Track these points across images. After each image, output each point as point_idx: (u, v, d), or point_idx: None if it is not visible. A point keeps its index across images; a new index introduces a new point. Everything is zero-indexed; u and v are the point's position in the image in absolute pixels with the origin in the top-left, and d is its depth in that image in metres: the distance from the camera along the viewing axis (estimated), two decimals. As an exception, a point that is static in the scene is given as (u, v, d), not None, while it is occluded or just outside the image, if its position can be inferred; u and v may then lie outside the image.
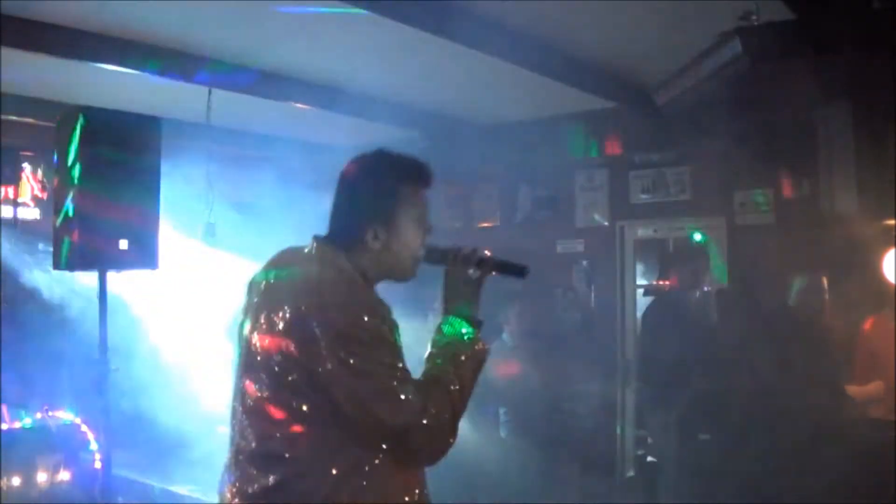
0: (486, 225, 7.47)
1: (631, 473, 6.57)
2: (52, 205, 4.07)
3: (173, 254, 4.81)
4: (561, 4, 4.52)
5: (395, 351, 1.93)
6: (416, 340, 2.15)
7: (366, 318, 1.89)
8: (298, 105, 6.21)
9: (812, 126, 5.17)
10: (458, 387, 1.96)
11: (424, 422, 1.87)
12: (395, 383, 1.88)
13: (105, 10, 4.57)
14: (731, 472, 4.79)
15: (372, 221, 2.04)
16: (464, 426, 2.04)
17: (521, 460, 5.21)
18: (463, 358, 2.01)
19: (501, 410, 5.41)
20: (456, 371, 1.99)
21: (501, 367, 5.40)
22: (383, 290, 2.11)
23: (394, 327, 1.95)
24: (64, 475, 4.46)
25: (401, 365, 1.92)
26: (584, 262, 6.92)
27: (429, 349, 2.06)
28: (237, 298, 2.15)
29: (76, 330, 6.20)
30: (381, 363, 1.88)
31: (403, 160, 2.11)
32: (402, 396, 1.87)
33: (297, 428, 1.89)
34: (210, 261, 5.83)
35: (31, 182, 6.72)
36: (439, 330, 2.08)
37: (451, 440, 1.94)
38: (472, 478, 4.70)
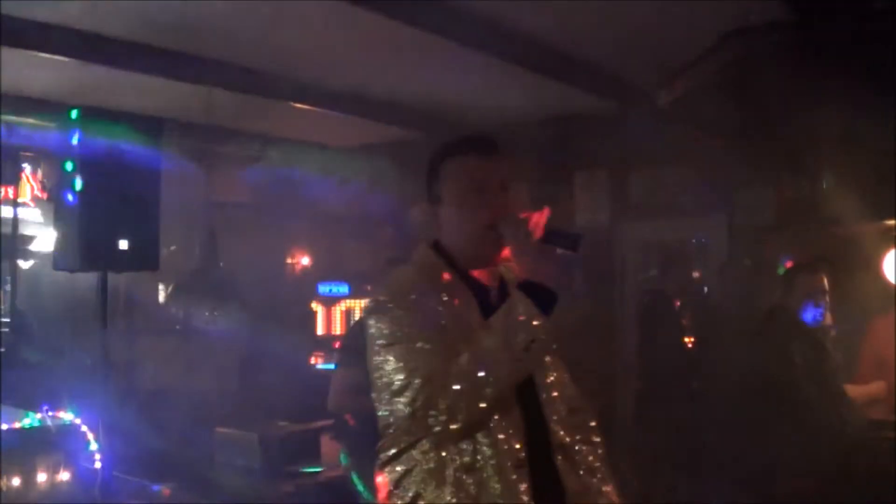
0: (485, 225, 7.46)
1: (631, 472, 6.57)
2: (52, 205, 4.07)
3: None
4: (561, 4, 4.52)
5: (418, 319, 1.91)
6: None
7: (384, 298, 1.97)
8: (298, 105, 6.21)
9: (812, 126, 5.17)
10: (484, 370, 1.84)
11: (433, 381, 1.83)
12: (416, 343, 1.88)
13: (105, 10, 4.57)
14: (729, 472, 4.80)
15: (427, 197, 2.12)
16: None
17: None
18: (511, 346, 1.86)
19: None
20: (493, 356, 1.86)
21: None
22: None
23: (428, 300, 1.95)
24: (64, 475, 4.45)
25: (419, 330, 1.89)
26: (584, 263, 6.92)
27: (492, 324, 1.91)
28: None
29: (76, 330, 6.21)
30: (400, 331, 1.91)
31: (456, 138, 2.12)
32: (420, 355, 1.87)
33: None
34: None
35: (31, 182, 6.71)
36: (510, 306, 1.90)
37: (458, 423, 1.84)
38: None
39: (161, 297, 7.47)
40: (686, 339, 5.95)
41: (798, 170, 5.72)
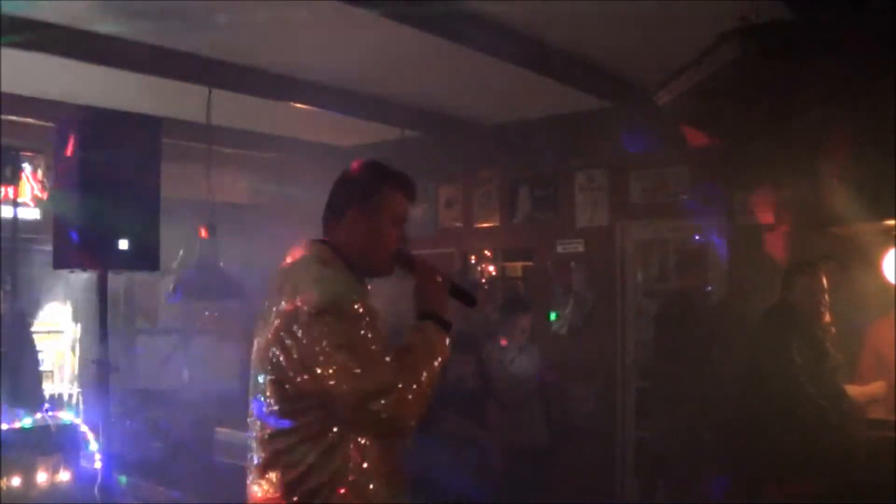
0: (486, 225, 7.47)
1: (631, 472, 6.57)
2: (52, 205, 4.07)
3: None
4: (561, 4, 4.52)
5: (368, 324, 2.04)
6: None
7: (339, 296, 2.05)
8: (298, 105, 6.22)
9: (812, 126, 5.16)
10: (426, 376, 2.07)
11: (400, 386, 1.99)
12: (372, 349, 2.01)
13: (105, 10, 4.57)
14: (730, 472, 4.80)
15: (354, 203, 2.27)
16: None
17: (522, 460, 5.22)
18: (438, 360, 2.12)
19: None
20: (429, 364, 2.09)
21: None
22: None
23: (368, 307, 2.08)
24: (64, 475, 4.46)
25: (372, 335, 2.03)
26: (584, 263, 6.92)
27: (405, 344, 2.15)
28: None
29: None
30: (356, 334, 2.01)
31: (395, 171, 2.35)
32: (379, 361, 2.00)
33: (283, 414, 2.05)
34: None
35: (31, 182, 6.72)
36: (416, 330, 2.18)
37: (413, 421, 2.04)
38: (472, 475, 4.71)
39: (161, 296, 7.47)
40: (698, 340, 5.95)
41: (798, 170, 5.72)
